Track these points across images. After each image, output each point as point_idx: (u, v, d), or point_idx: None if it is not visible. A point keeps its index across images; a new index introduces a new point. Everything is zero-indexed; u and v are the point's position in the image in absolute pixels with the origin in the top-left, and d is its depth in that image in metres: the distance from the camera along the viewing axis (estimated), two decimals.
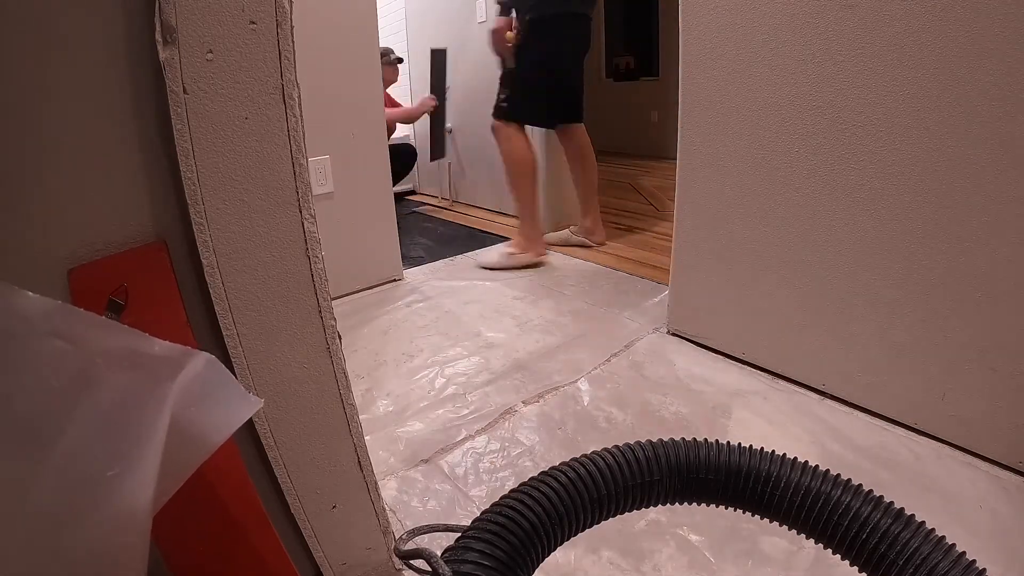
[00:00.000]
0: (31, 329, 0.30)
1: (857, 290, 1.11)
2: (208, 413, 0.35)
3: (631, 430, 1.15)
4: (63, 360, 0.30)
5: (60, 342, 0.31)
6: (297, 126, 0.58)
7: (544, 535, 0.33)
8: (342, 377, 0.69)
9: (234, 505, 0.55)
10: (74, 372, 0.31)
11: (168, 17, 0.48)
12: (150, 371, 0.33)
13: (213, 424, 0.35)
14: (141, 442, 0.31)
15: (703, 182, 1.34)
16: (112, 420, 0.31)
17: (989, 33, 0.85)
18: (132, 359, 0.32)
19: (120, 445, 0.31)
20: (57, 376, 0.30)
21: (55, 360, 0.30)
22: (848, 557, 0.33)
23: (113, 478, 0.30)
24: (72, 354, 0.31)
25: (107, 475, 0.30)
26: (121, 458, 0.30)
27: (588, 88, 2.21)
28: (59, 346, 0.30)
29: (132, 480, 0.30)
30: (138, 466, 0.30)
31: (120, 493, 0.30)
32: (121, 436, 0.31)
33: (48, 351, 0.30)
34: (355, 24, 1.79)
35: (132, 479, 0.30)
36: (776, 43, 1.11)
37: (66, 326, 0.31)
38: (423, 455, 1.10)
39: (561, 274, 2.08)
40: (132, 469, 0.30)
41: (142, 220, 0.54)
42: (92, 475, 0.30)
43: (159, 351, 0.33)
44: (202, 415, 0.34)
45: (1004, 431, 0.96)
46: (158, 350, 0.33)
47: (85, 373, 0.31)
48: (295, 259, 0.61)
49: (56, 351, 0.30)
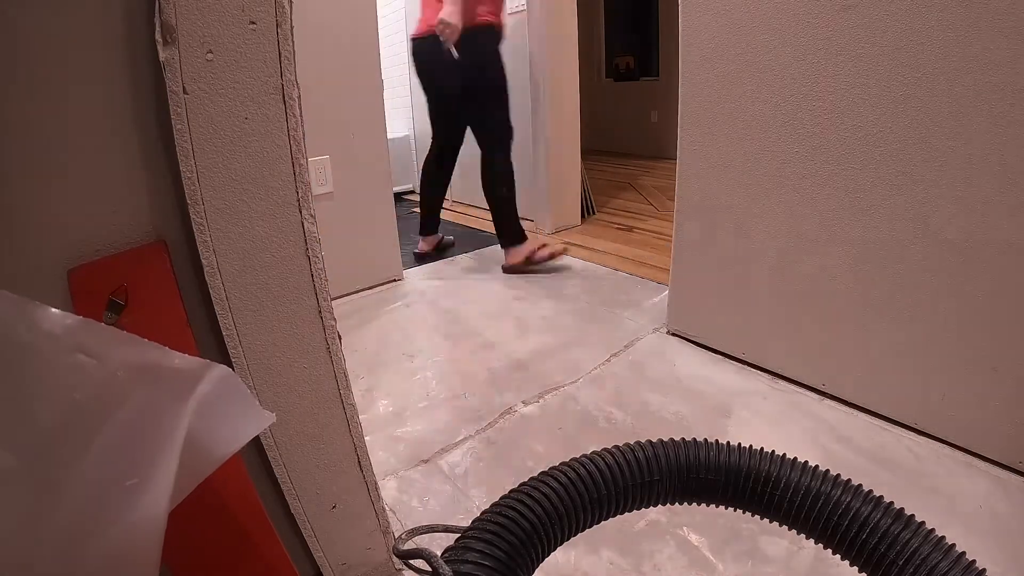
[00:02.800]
0: (56, 344, 0.31)
1: (857, 290, 1.11)
2: (221, 425, 0.36)
3: (631, 430, 1.15)
4: (87, 374, 0.31)
5: (83, 357, 0.31)
6: (297, 126, 0.58)
7: (544, 535, 0.33)
8: (342, 377, 0.69)
9: (234, 505, 0.55)
10: (97, 386, 0.31)
11: (168, 17, 0.48)
12: (170, 384, 0.33)
13: (225, 436, 0.36)
14: (160, 453, 0.32)
15: (703, 182, 1.34)
16: (133, 431, 0.32)
17: (988, 33, 0.85)
18: (153, 372, 0.33)
19: (140, 456, 0.32)
20: (81, 389, 0.31)
21: (79, 374, 0.31)
22: (848, 557, 0.33)
23: (132, 488, 0.31)
24: (95, 368, 0.32)
25: (126, 485, 0.31)
26: (141, 468, 0.31)
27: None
28: (83, 360, 0.31)
29: (150, 490, 0.31)
30: (156, 476, 0.31)
31: (139, 502, 0.31)
32: (142, 447, 0.32)
33: (72, 365, 0.31)
34: (355, 24, 1.79)
35: (151, 489, 0.31)
36: (776, 44, 1.11)
37: (89, 341, 0.32)
38: (423, 455, 1.10)
39: (561, 274, 2.08)
40: (151, 479, 0.31)
41: (142, 220, 0.54)
42: (114, 486, 0.31)
43: (179, 364, 0.34)
44: (216, 427, 0.35)
45: (1004, 431, 0.96)
46: (178, 363, 0.34)
47: (108, 386, 0.32)
48: (295, 259, 0.61)
49: (80, 365, 0.31)
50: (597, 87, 5.18)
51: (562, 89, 2.46)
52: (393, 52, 3.52)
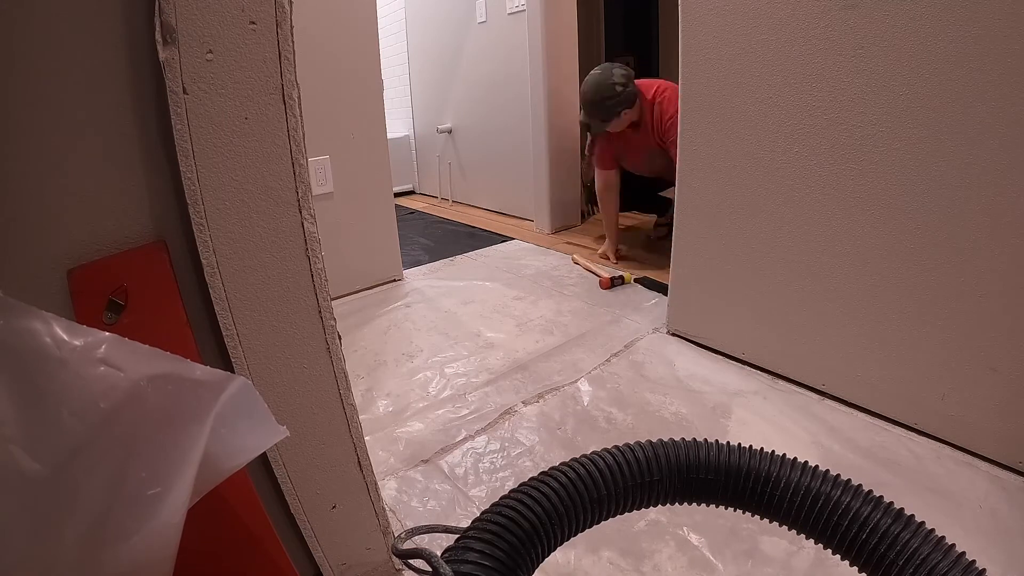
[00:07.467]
0: (83, 356, 0.32)
1: (857, 290, 1.11)
2: (236, 436, 0.36)
3: (631, 430, 1.15)
4: (111, 385, 0.32)
5: (108, 368, 0.32)
6: (297, 126, 0.58)
7: (544, 535, 0.33)
8: (342, 377, 0.69)
9: (234, 505, 0.55)
10: (122, 396, 0.32)
11: (168, 17, 0.48)
12: (192, 395, 0.34)
13: (239, 446, 0.36)
14: (182, 463, 0.33)
15: (703, 182, 1.34)
16: (157, 442, 0.33)
17: (989, 34, 0.85)
18: (176, 384, 0.34)
19: (164, 466, 0.32)
20: (106, 399, 0.32)
21: (104, 385, 0.32)
22: (848, 557, 0.33)
23: (154, 496, 0.32)
24: (120, 379, 0.33)
25: (148, 494, 0.32)
26: (163, 478, 0.32)
27: None
28: (107, 372, 0.32)
29: (170, 499, 0.32)
30: (177, 486, 0.32)
31: (159, 511, 0.32)
32: (164, 457, 0.33)
33: (97, 376, 0.32)
34: (355, 24, 1.79)
35: (170, 498, 0.32)
36: (776, 43, 1.11)
37: (114, 354, 0.33)
38: (423, 455, 1.10)
39: (561, 274, 2.08)
40: (171, 488, 0.32)
41: (142, 220, 0.54)
42: (136, 494, 0.32)
43: (200, 376, 0.35)
44: (231, 437, 0.36)
45: (1004, 431, 0.96)
46: (199, 375, 0.35)
47: (133, 397, 0.33)
48: (295, 259, 0.61)
49: (104, 376, 0.32)
50: None
51: (562, 89, 2.46)
52: (393, 52, 3.52)
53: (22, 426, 0.30)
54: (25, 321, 0.31)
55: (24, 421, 0.30)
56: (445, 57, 3.12)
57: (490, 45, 2.76)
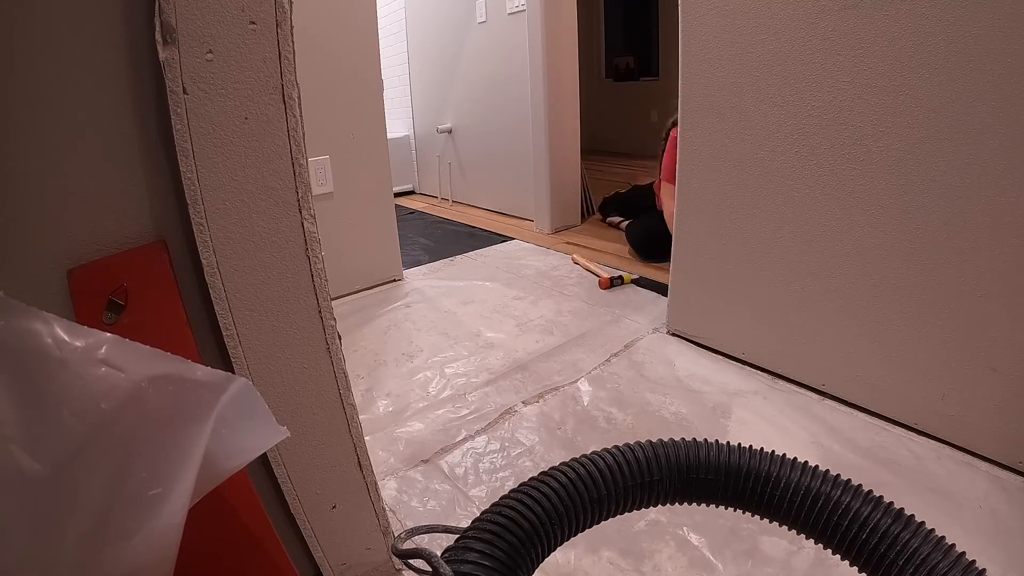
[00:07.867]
0: (83, 357, 0.32)
1: (857, 290, 1.11)
2: (237, 436, 0.36)
3: (631, 430, 1.15)
4: (112, 385, 0.32)
5: (109, 369, 0.32)
6: (297, 126, 0.58)
7: (544, 535, 0.33)
8: (342, 377, 0.69)
9: (234, 505, 0.55)
10: (122, 397, 0.32)
11: (168, 17, 0.48)
12: (193, 396, 0.34)
13: (239, 446, 0.36)
14: (183, 464, 0.33)
15: (703, 182, 1.34)
16: (157, 442, 0.33)
17: (989, 34, 0.85)
18: (177, 384, 0.34)
19: (165, 466, 0.33)
20: (107, 399, 0.32)
21: (104, 385, 0.32)
22: (848, 557, 0.33)
23: (154, 497, 0.32)
24: (121, 380, 0.33)
25: (150, 494, 0.32)
26: (165, 479, 0.32)
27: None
28: (108, 372, 0.32)
29: (171, 499, 0.32)
30: (178, 486, 0.32)
31: (160, 511, 0.32)
32: (166, 458, 0.33)
33: (98, 377, 0.32)
34: (355, 24, 1.79)
35: (171, 498, 0.32)
36: (777, 43, 1.11)
37: (115, 354, 0.33)
38: (423, 455, 1.10)
39: (561, 274, 2.08)
40: (172, 488, 0.32)
41: (142, 220, 0.54)
42: (137, 494, 0.32)
43: (201, 376, 0.35)
44: (231, 437, 0.36)
45: (1004, 431, 0.96)
46: (200, 375, 0.35)
47: (134, 398, 0.33)
48: (295, 259, 0.61)
49: (105, 377, 0.32)
50: (597, 87, 5.18)
51: (562, 89, 2.46)
52: (393, 52, 3.52)
53: (22, 426, 0.29)
54: (26, 321, 0.31)
55: (24, 421, 0.30)
56: (445, 57, 3.12)
57: (490, 45, 2.76)
